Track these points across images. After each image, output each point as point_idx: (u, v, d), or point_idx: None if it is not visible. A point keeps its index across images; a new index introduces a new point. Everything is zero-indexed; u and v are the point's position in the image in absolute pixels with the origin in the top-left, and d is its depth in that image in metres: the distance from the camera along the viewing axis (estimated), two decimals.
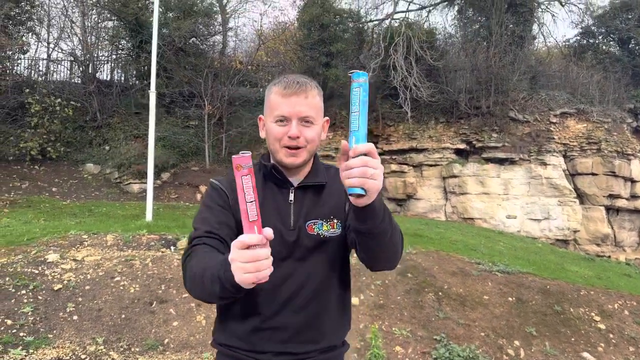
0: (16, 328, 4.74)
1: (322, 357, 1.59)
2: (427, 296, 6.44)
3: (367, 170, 1.16)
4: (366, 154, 1.17)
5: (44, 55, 16.29)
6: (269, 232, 1.16)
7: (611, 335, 6.26)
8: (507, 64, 14.71)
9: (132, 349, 4.76)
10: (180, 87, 14.68)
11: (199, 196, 12.66)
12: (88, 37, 15.56)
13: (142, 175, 12.04)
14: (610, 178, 14.36)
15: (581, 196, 14.58)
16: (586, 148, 14.59)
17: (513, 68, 14.76)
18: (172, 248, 6.86)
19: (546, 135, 14.56)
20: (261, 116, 1.66)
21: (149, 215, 8.69)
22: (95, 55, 15.81)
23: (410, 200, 14.70)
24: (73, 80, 15.92)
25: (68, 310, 5.16)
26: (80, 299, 5.37)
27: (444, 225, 12.21)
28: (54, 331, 4.82)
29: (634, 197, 14.85)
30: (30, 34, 15.25)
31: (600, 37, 19.31)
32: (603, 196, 14.40)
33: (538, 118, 14.78)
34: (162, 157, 12.78)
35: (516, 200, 14.20)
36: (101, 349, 4.66)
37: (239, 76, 15.51)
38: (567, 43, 20.18)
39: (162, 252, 6.66)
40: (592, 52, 18.51)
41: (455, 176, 14.30)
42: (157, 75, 10.52)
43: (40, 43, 16.25)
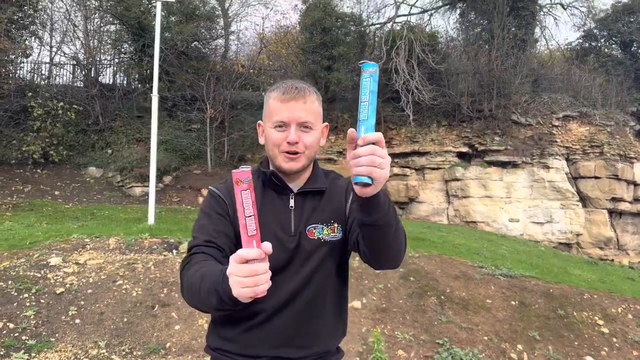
0: (18, 331, 4.74)
1: None
2: (430, 300, 6.43)
3: (376, 159, 1.15)
4: (375, 143, 1.16)
5: (47, 59, 16.32)
6: (268, 247, 1.15)
7: (614, 339, 6.24)
8: (509, 67, 14.70)
9: (134, 353, 4.75)
10: (182, 91, 14.73)
11: (201, 199, 12.67)
12: (90, 41, 15.63)
13: (145, 178, 12.06)
14: (613, 181, 14.32)
15: (584, 199, 14.55)
16: (589, 151, 14.56)
17: (515, 71, 14.75)
18: (174, 251, 6.85)
19: (549, 138, 14.54)
20: (260, 122, 1.65)
21: (151, 218, 8.69)
22: (97, 59, 15.85)
23: (412, 203, 14.69)
24: (75, 83, 15.95)
25: (70, 313, 5.16)
26: (82, 303, 5.37)
27: (447, 228, 12.19)
28: (56, 335, 4.82)
29: (637, 201, 14.83)
30: (33, 38, 15.32)
31: (602, 40, 19.31)
32: (606, 199, 14.37)
33: (540, 121, 14.76)
34: (164, 161, 12.80)
35: (519, 203, 14.17)
36: (103, 353, 4.66)
37: (241, 80, 15.57)
38: (569, 46, 20.21)
39: (164, 256, 6.66)
40: (595, 55, 18.51)
41: (457, 179, 14.28)
42: (160, 78, 10.56)
43: (42, 47, 16.32)
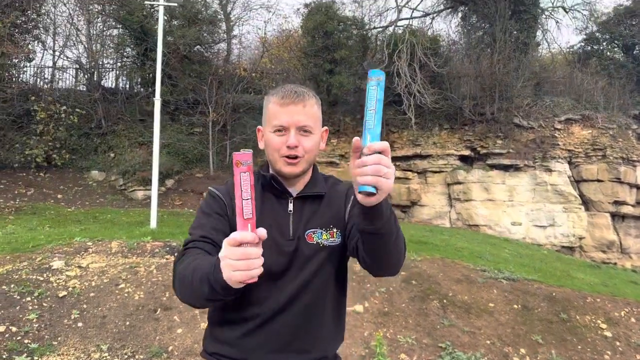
0: (21, 335, 4.75)
1: None
2: (432, 303, 6.41)
3: (382, 168, 1.13)
4: (380, 152, 1.14)
5: (50, 63, 16.44)
6: (263, 232, 1.14)
7: (618, 343, 6.21)
8: (511, 71, 14.71)
9: (137, 356, 4.75)
10: (184, 95, 14.77)
11: None
12: (93, 45, 15.71)
13: (147, 182, 12.08)
14: (615, 184, 14.30)
15: (586, 203, 14.52)
16: (591, 154, 14.55)
17: (517, 74, 14.76)
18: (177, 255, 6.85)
19: (551, 141, 14.53)
20: (260, 127, 1.65)
21: (154, 222, 8.71)
22: (100, 62, 15.94)
23: (414, 206, 14.68)
24: (78, 87, 16.04)
25: (73, 317, 5.17)
26: (84, 306, 5.38)
27: (449, 232, 12.17)
28: (59, 338, 4.83)
29: None
30: (36, 42, 15.44)
31: (604, 44, 19.28)
32: (608, 203, 14.33)
33: (543, 124, 14.76)
34: (167, 164, 12.84)
35: (521, 207, 14.15)
36: (105, 356, 4.66)
37: (243, 83, 15.62)
38: (571, 49, 20.18)
39: (167, 259, 6.66)
40: (597, 59, 18.48)
41: (459, 183, 14.27)
42: (162, 82, 10.59)
43: (45, 51, 16.43)
